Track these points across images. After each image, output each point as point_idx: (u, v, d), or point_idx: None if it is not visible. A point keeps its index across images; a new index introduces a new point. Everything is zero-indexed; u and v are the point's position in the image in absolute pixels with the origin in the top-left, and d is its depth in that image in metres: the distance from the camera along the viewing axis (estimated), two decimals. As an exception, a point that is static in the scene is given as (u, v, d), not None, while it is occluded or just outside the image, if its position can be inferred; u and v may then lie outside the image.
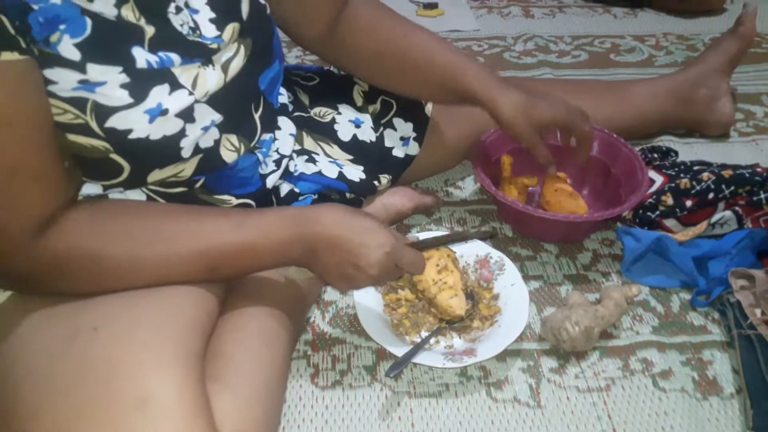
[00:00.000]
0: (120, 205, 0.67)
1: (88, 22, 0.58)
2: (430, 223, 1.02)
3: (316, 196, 0.89)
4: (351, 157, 0.94)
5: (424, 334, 0.82)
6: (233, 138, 0.72)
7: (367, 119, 0.97)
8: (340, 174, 0.90)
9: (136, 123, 0.61)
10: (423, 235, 0.89)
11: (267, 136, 0.80)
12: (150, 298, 0.62)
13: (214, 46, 0.67)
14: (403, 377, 0.79)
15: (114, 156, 0.63)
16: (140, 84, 0.61)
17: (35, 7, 0.54)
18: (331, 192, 0.91)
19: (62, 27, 0.56)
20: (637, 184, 0.93)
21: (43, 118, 0.57)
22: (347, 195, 0.92)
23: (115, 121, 0.60)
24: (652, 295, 0.89)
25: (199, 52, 0.66)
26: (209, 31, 0.68)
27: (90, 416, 0.53)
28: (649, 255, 0.91)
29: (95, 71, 0.58)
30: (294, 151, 0.88)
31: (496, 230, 0.87)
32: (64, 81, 0.57)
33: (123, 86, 0.60)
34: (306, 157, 0.89)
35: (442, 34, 1.58)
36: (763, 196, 0.90)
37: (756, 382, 0.75)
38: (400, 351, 0.76)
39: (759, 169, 0.92)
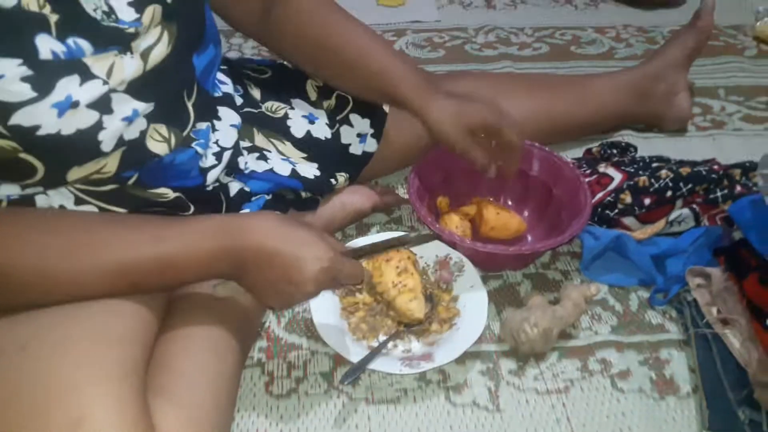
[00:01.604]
0: (29, 215, 0.62)
1: None
2: (390, 222, 1.00)
3: (269, 196, 0.86)
4: (305, 154, 0.91)
5: (383, 338, 0.80)
6: (162, 128, 0.67)
7: (321, 115, 0.94)
8: (293, 171, 0.87)
9: (44, 118, 0.56)
10: (370, 239, 0.88)
11: (203, 125, 0.75)
12: (83, 312, 0.58)
13: (132, 30, 0.62)
14: (361, 383, 0.77)
15: (24, 155, 0.58)
16: (44, 76, 0.55)
17: None
18: (285, 191, 0.88)
19: None
20: (579, 207, 0.89)
21: None
22: (302, 194, 0.89)
23: (19, 118, 0.55)
24: (611, 294, 0.89)
25: (114, 39, 0.61)
26: (126, 14, 0.62)
27: None
28: (608, 253, 0.90)
29: None
30: (244, 148, 0.85)
31: (437, 234, 0.85)
32: None
33: (24, 79, 0.54)
34: (257, 154, 0.86)
35: (403, 24, 1.56)
36: (719, 194, 0.90)
37: (712, 381, 0.75)
38: (356, 356, 0.74)
39: (716, 167, 0.92)
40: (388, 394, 0.76)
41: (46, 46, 0.56)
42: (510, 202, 1.00)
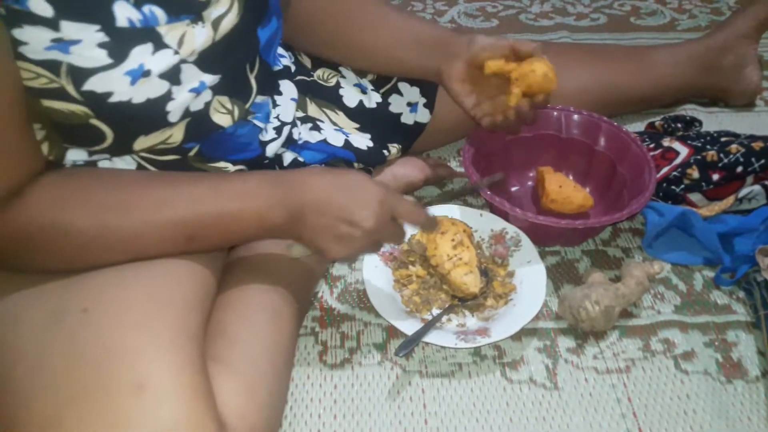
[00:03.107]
0: (90, 175, 0.62)
1: None
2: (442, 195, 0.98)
3: (322, 166, 0.85)
4: (358, 125, 0.89)
5: (436, 311, 0.78)
6: (225, 100, 0.67)
7: (368, 84, 0.92)
8: (347, 142, 0.86)
9: (117, 85, 0.56)
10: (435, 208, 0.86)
11: (262, 99, 0.74)
12: (143, 275, 0.58)
13: None
14: (415, 356, 0.76)
15: (95, 121, 0.58)
16: (120, 43, 0.55)
17: None
18: (337, 161, 0.86)
19: None
20: (641, 186, 0.85)
21: (10, 84, 0.53)
22: (355, 164, 0.88)
23: (93, 84, 0.55)
24: (674, 273, 0.86)
25: (186, 7, 0.60)
26: None
27: (84, 403, 0.50)
28: (672, 230, 0.87)
29: (70, 29, 0.53)
30: (298, 118, 0.84)
31: (505, 175, 0.81)
32: (36, 41, 0.52)
33: (101, 45, 0.55)
34: (310, 124, 0.85)
35: (455, -6, 1.52)
36: (795, 170, 0.85)
37: (783, 366, 0.72)
38: (410, 329, 0.73)
39: (791, 142, 0.87)
40: (442, 367, 0.75)
41: (124, 13, 0.56)
42: (571, 177, 0.96)
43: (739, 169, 0.86)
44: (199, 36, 0.61)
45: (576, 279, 0.85)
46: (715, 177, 0.87)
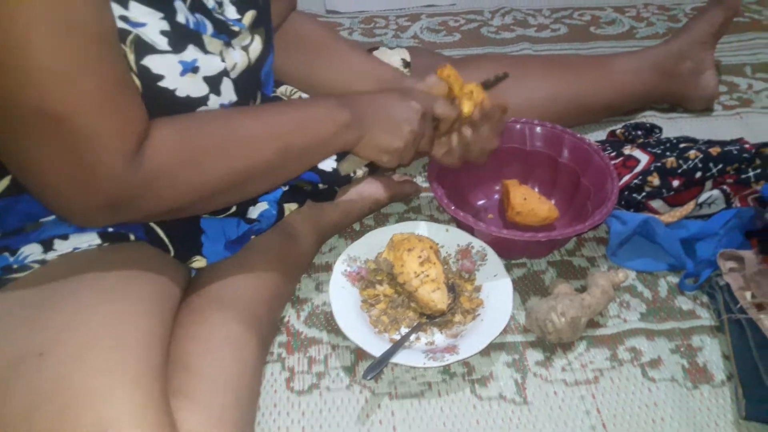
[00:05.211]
0: (194, 115, 0.64)
1: None
2: (408, 211, 0.98)
3: (286, 188, 0.84)
4: None
5: (404, 330, 0.78)
6: None
7: None
8: None
9: (170, 70, 0.60)
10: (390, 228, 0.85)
11: None
12: (99, 314, 0.57)
13: (236, 29, 0.67)
14: (384, 377, 0.75)
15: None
16: (178, 36, 0.60)
17: None
18: (302, 183, 0.86)
19: None
20: (604, 196, 0.85)
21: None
22: (319, 186, 0.87)
23: (150, 61, 0.58)
24: (639, 280, 0.86)
25: (223, 30, 0.65)
26: (231, 12, 0.68)
27: None
28: (635, 238, 0.88)
29: (137, 11, 0.57)
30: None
31: (507, 72, 0.85)
32: None
33: (163, 33, 0.59)
34: None
35: (417, 9, 1.53)
36: (751, 173, 0.87)
37: (747, 369, 0.73)
38: (378, 350, 0.72)
39: (747, 146, 0.89)
40: (411, 388, 0.74)
41: (182, 12, 0.61)
42: (537, 189, 0.96)
43: (698, 174, 0.88)
44: (234, 55, 0.67)
45: (542, 290, 0.85)
46: (675, 183, 0.88)
